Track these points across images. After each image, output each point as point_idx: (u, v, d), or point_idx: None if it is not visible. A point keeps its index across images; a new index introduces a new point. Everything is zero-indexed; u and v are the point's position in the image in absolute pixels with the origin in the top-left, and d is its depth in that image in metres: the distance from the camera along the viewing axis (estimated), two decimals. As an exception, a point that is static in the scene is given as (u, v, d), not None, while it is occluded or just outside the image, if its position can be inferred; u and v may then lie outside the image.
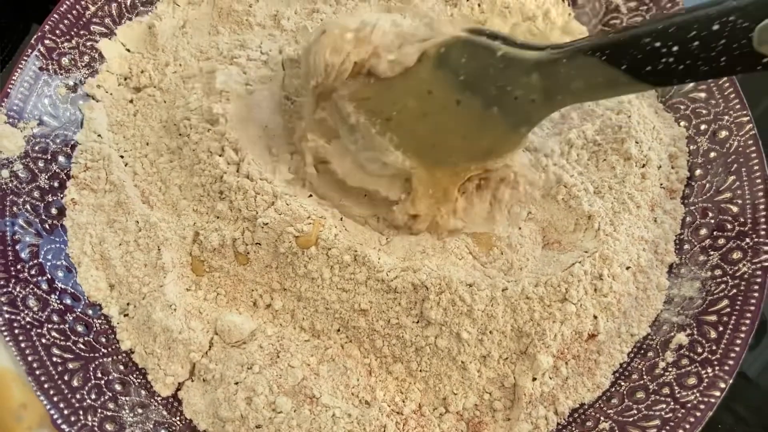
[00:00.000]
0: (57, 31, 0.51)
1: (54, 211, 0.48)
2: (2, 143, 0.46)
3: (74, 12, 0.52)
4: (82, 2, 0.52)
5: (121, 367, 0.44)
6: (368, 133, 0.44)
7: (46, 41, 0.50)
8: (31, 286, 0.44)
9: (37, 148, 0.48)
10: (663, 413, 0.41)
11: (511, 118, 0.41)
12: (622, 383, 0.45)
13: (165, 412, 0.43)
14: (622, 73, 0.36)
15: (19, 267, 0.44)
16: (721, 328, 0.44)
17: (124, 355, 0.45)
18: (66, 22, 0.51)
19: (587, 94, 0.40)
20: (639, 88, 0.37)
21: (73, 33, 0.52)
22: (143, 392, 0.44)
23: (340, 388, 0.43)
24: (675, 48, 0.33)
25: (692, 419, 0.40)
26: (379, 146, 0.44)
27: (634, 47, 0.35)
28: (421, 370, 0.44)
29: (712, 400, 0.41)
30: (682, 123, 0.52)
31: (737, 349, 0.42)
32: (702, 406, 0.40)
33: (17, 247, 0.45)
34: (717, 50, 0.33)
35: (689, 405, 0.41)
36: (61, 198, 0.48)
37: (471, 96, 0.41)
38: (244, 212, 0.46)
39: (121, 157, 0.51)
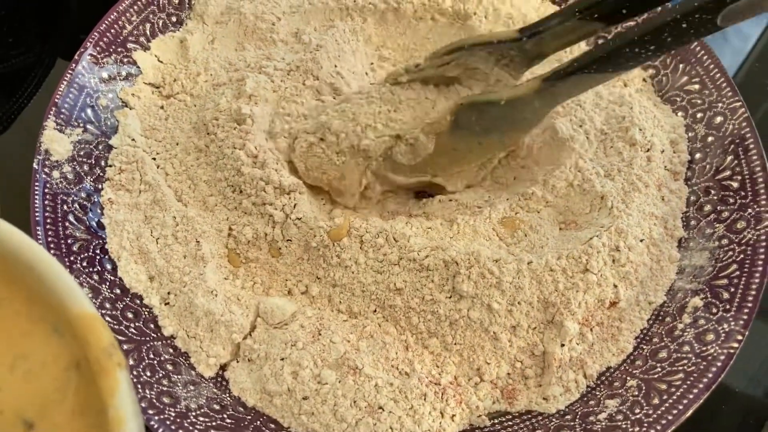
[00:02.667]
0: (98, 48, 0.54)
1: (99, 211, 0.50)
2: (53, 146, 0.49)
3: (112, 31, 0.56)
4: (120, 22, 0.56)
5: (170, 350, 0.46)
6: None
7: (88, 57, 0.54)
8: (84, 275, 0.46)
9: (82, 153, 0.51)
10: (686, 367, 0.44)
11: (524, 128, 0.51)
12: (645, 347, 0.47)
13: (215, 390, 0.45)
14: (610, 73, 0.44)
15: (72, 258, 0.47)
16: (732, 290, 0.47)
17: (170, 339, 0.47)
18: (105, 39, 0.55)
19: (583, 91, 0.48)
20: (624, 72, 0.48)
21: (111, 50, 0.55)
22: (193, 372, 0.46)
23: (380, 360, 0.45)
24: (652, 47, 0.41)
25: (714, 368, 0.43)
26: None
27: (617, 56, 0.42)
28: (455, 343, 0.47)
29: (731, 351, 0.43)
30: (680, 113, 0.57)
31: (750, 305, 0.45)
32: (722, 357, 0.43)
33: (69, 241, 0.47)
34: (686, 36, 0.40)
35: (710, 357, 0.44)
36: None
37: (489, 134, 0.49)
38: (269, 209, 0.49)
39: (154, 159, 0.54)
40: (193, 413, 0.43)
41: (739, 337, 0.44)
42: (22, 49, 0.71)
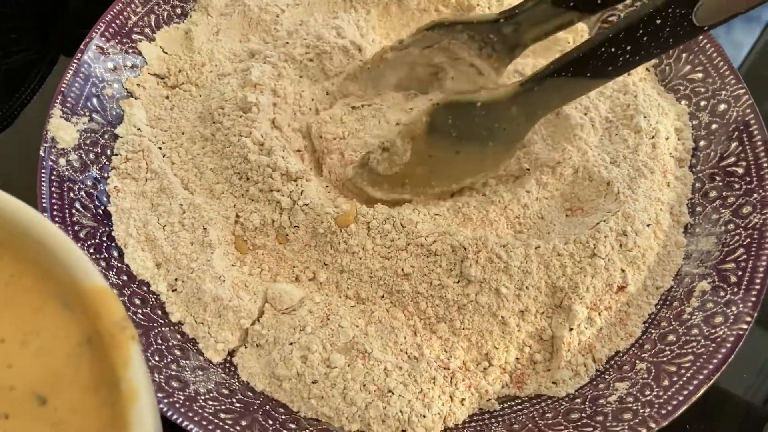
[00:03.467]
0: (104, 38, 0.55)
1: (105, 199, 0.50)
2: (59, 134, 0.49)
3: (118, 21, 0.56)
4: (125, 13, 0.56)
5: (178, 336, 0.46)
6: None
7: (94, 47, 0.54)
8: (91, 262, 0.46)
9: (88, 141, 0.51)
10: (695, 349, 0.44)
11: (505, 143, 0.48)
12: (653, 331, 0.47)
13: (224, 375, 0.45)
14: (588, 79, 0.42)
15: (79, 245, 0.46)
16: (740, 273, 0.47)
17: (178, 325, 0.47)
18: (111, 30, 0.55)
19: (562, 102, 0.46)
20: (605, 82, 0.44)
21: (116, 40, 0.55)
22: (201, 358, 0.46)
23: (389, 344, 0.45)
24: (629, 47, 0.40)
25: (723, 350, 0.43)
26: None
27: (593, 58, 0.41)
28: (464, 328, 0.46)
29: (740, 332, 0.43)
30: (683, 102, 0.57)
31: (758, 287, 0.45)
32: (732, 338, 0.43)
33: (76, 228, 0.47)
34: (664, 36, 0.39)
35: (719, 339, 0.44)
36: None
37: (467, 144, 0.47)
38: (276, 195, 0.49)
39: (159, 148, 0.54)
40: (203, 397, 0.42)
41: (748, 319, 0.44)
42: (23, 45, 0.71)
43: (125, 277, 0.47)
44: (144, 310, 0.46)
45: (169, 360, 0.44)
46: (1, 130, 0.65)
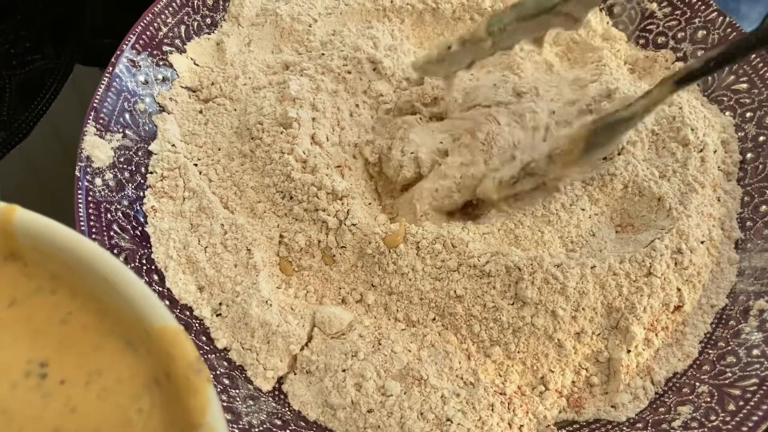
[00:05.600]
0: (134, 50, 0.53)
1: (142, 219, 0.48)
2: (94, 153, 0.47)
3: (148, 33, 0.54)
4: (155, 24, 0.54)
5: (225, 363, 0.45)
6: None
7: (125, 59, 0.52)
8: (133, 287, 0.44)
9: (122, 159, 0.49)
10: (759, 372, 0.43)
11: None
12: (710, 351, 0.46)
13: (274, 404, 0.44)
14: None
15: (120, 269, 0.45)
16: (799, 291, 0.46)
17: (224, 352, 0.45)
18: (141, 42, 0.53)
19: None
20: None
21: (147, 52, 0.53)
22: (250, 386, 0.44)
23: (444, 370, 0.44)
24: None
25: (791, 373, 0.42)
26: None
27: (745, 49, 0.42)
28: (519, 351, 0.45)
29: (807, 355, 0.42)
30: (727, 113, 0.56)
31: (820, 307, 0.44)
32: (798, 361, 0.42)
33: (115, 251, 0.45)
34: None
35: (785, 361, 0.43)
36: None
37: (616, 143, 0.50)
38: (321, 215, 0.47)
39: (195, 165, 0.52)
40: (256, 429, 0.41)
41: (813, 340, 0.43)
42: (39, 54, 0.69)
43: (167, 302, 0.46)
44: (189, 337, 0.44)
45: (218, 390, 0.42)
46: (18, 142, 0.63)
